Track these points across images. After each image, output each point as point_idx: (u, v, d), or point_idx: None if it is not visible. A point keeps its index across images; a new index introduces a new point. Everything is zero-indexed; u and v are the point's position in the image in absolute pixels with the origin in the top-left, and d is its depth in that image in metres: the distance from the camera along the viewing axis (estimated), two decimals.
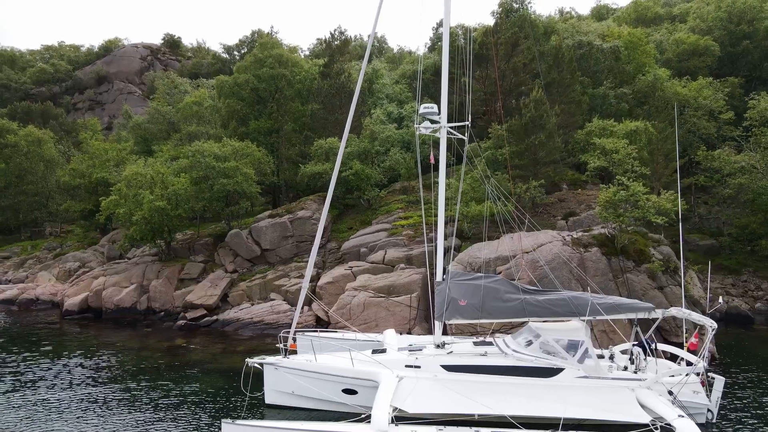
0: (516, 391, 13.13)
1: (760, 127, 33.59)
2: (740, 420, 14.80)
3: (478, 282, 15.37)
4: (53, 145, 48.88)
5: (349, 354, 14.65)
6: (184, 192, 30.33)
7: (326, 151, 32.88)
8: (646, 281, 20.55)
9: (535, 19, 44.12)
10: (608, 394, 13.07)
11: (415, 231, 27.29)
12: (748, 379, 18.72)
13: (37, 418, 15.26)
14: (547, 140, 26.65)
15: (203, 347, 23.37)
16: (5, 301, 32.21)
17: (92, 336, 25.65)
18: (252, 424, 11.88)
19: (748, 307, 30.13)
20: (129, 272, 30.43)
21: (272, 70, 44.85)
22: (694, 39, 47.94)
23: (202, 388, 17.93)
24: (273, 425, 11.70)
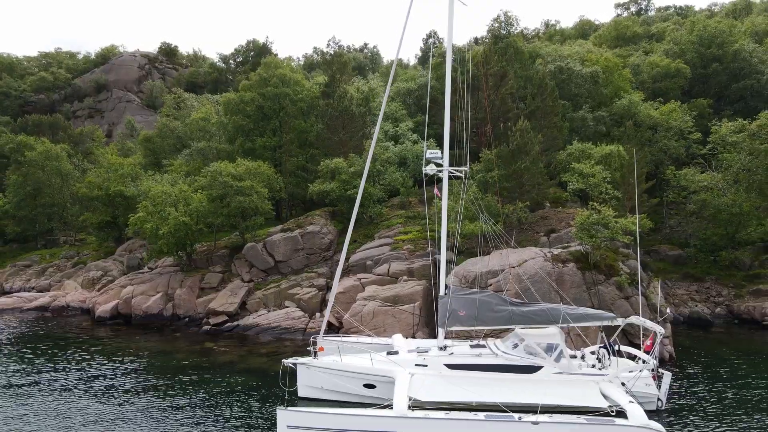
0: (505, 383, 16.52)
1: (722, 152, 37.50)
2: (685, 407, 18.33)
3: (474, 296, 18.81)
4: (68, 159, 51.63)
5: (369, 355, 17.99)
6: (204, 208, 33.52)
7: (332, 170, 36.13)
8: (614, 292, 24.10)
9: (522, 45, 47.56)
10: (577, 386, 16.52)
11: (414, 245, 30.70)
12: (700, 375, 22.29)
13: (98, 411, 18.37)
14: (532, 165, 30.19)
15: (230, 349, 26.56)
16: (39, 308, 35.15)
17: (127, 340, 28.72)
18: (303, 410, 15.19)
19: (709, 312, 33.90)
20: (155, 282, 33.54)
21: (276, 89, 48.03)
22: (667, 62, 51.85)
23: (239, 383, 21.15)
24: (320, 411, 15.02)
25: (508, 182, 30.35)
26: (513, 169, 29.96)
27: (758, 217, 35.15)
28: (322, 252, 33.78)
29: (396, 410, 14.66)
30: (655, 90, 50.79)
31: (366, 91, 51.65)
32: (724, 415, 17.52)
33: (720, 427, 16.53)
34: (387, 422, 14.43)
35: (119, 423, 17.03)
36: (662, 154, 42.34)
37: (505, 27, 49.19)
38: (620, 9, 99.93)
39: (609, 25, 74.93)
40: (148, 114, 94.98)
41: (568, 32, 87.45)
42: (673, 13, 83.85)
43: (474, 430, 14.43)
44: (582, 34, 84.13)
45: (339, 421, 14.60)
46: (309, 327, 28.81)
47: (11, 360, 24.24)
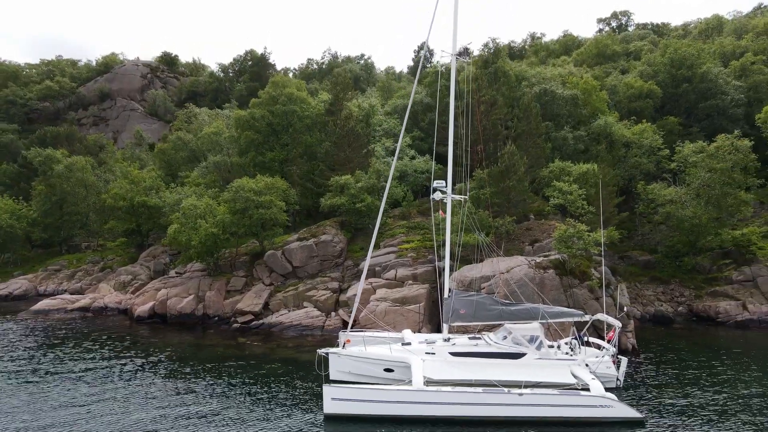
0: (497, 366, 21.06)
1: (685, 170, 42.49)
2: (638, 385, 23.04)
3: (472, 298, 23.40)
4: (91, 171, 55.62)
5: (389, 346, 22.49)
6: (228, 220, 37.83)
7: (341, 185, 40.59)
8: (587, 294, 28.84)
9: (509, 69, 52.31)
10: (553, 368, 21.14)
11: (417, 253, 35.28)
12: (656, 361, 27.03)
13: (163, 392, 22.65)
14: (518, 184, 34.89)
15: (260, 343, 30.93)
16: (81, 309, 39.20)
17: (167, 335, 32.97)
18: (345, 386, 19.64)
19: (672, 311, 38.79)
20: (186, 285, 37.83)
21: (284, 106, 52.42)
22: (641, 84, 56.89)
23: (275, 369, 25.52)
24: (358, 387, 19.49)
25: (497, 198, 35.02)
26: (502, 187, 34.66)
27: (715, 227, 40.17)
28: (334, 258, 38.26)
29: (415, 386, 19.20)
30: (630, 109, 55.83)
31: (366, 108, 56.17)
32: (669, 391, 22.22)
33: (664, 400, 21.22)
34: (409, 395, 18.97)
35: (184, 401, 21.25)
36: (634, 169, 47.37)
37: (494, 51, 53.79)
38: (602, 24, 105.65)
39: (590, 43, 79.97)
40: (152, 122, 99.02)
41: (553, 47, 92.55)
42: (650, 31, 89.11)
43: (474, 400, 18.99)
44: (566, 49, 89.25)
45: (373, 394, 19.11)
46: (326, 324, 33.31)
47: (77, 352, 28.39)
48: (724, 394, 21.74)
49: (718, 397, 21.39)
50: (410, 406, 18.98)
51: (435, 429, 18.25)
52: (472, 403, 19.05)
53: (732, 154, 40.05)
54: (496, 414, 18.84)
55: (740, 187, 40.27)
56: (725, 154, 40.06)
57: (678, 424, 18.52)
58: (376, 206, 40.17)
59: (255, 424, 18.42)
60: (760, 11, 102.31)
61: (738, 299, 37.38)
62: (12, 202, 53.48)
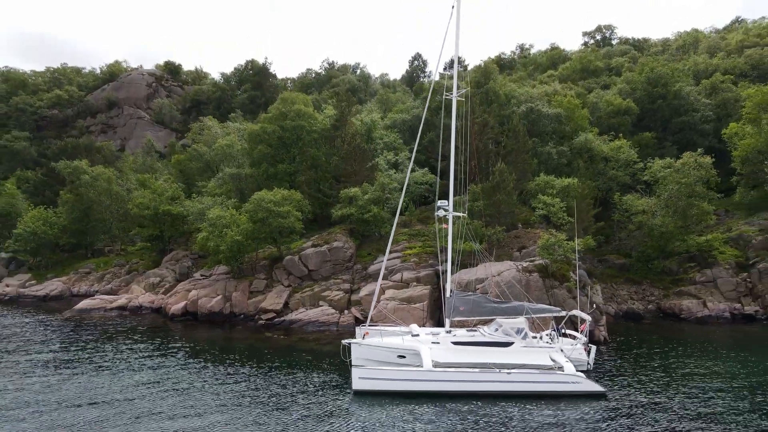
0: (490, 352, 25.97)
1: (655, 183, 47.76)
2: (605, 368, 28.07)
3: (469, 297, 28.35)
4: (115, 181, 60.11)
5: (401, 338, 27.36)
6: (250, 228, 42.52)
7: (350, 197, 45.40)
8: (565, 293, 33.88)
9: (499, 89, 57.38)
10: (535, 353, 26.09)
11: (419, 258, 40.20)
12: (623, 350, 32.09)
13: (204, 377, 27.35)
14: (507, 198, 39.93)
15: (285, 337, 35.69)
16: (119, 308, 43.73)
17: (201, 331, 37.64)
18: (371, 368, 24.46)
19: (643, 308, 43.99)
20: (214, 286, 42.53)
21: (293, 122, 57.09)
22: (619, 101, 62.17)
23: (301, 358, 30.25)
24: (380, 368, 24.34)
25: (489, 210, 40.03)
26: (493, 200, 39.68)
27: (681, 234, 45.41)
28: (345, 263, 43.12)
29: (425, 368, 24.11)
30: (610, 124, 61.05)
31: (368, 123, 61.05)
32: (630, 372, 27.26)
33: (625, 379, 26.24)
34: (421, 374, 23.86)
35: (229, 383, 25.89)
36: (612, 181, 52.57)
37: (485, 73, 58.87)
38: (587, 37, 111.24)
39: (575, 58, 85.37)
40: (158, 129, 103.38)
41: (541, 60, 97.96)
42: (631, 46, 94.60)
43: (472, 378, 23.90)
44: (553, 63, 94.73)
45: (392, 374, 23.96)
46: (340, 321, 38.17)
47: (128, 344, 32.98)
48: (678, 375, 26.78)
49: (671, 377, 26.41)
50: (422, 383, 23.86)
51: (441, 401, 23.08)
52: (470, 380, 23.96)
53: (696, 170, 45.37)
54: (489, 389, 23.75)
55: (703, 199, 45.57)
56: (690, 169, 45.35)
57: (633, 396, 23.52)
58: (382, 216, 45.18)
59: (293, 400, 23.05)
60: (738, 23, 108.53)
61: (700, 298, 42.67)
62: (44, 210, 57.88)
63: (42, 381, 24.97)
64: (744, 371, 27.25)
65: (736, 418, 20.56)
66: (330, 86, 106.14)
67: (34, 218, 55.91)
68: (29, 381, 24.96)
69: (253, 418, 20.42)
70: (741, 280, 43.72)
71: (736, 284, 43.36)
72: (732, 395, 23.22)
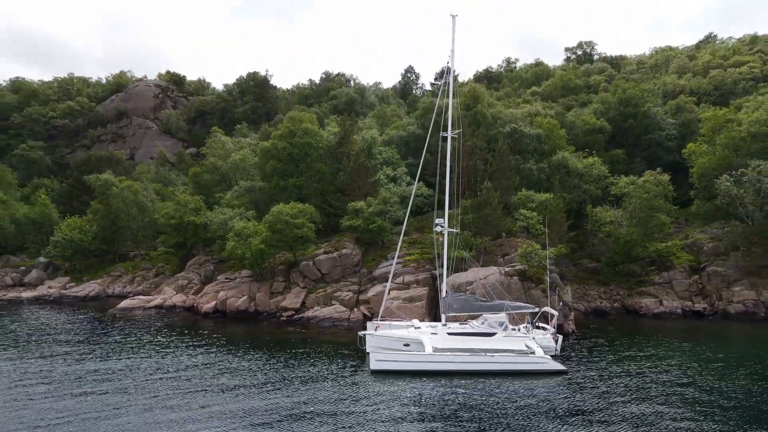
0: (477, 341, 32.76)
1: (621, 197, 54.87)
2: (570, 354, 34.95)
3: (461, 296, 35.14)
4: (141, 193, 66.32)
5: (407, 330, 34.06)
6: (270, 238, 49.00)
7: (357, 210, 51.98)
8: (540, 293, 40.73)
9: (486, 112, 64.27)
10: (513, 341, 32.89)
11: (417, 264, 46.93)
12: (587, 340, 38.98)
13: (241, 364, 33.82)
14: (493, 212, 46.77)
15: (305, 331, 42.19)
16: (156, 307, 50.02)
17: (231, 326, 44.05)
18: (385, 352, 31.09)
19: (609, 306, 50.98)
20: (239, 288, 49.03)
21: (301, 139, 63.65)
22: (594, 120, 69.37)
23: (321, 347, 36.79)
24: (392, 352, 30.99)
25: (477, 222, 46.85)
26: (480, 214, 46.52)
27: (644, 242, 52.49)
28: (353, 267, 49.77)
29: (427, 352, 30.84)
30: (585, 141, 68.22)
31: (369, 140, 67.70)
32: (589, 356, 34.15)
33: (585, 361, 33.09)
34: (424, 357, 30.54)
35: (263, 368, 32.36)
36: (585, 194, 59.65)
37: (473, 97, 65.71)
38: (569, 52, 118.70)
39: (557, 76, 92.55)
40: (166, 139, 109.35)
41: (525, 76, 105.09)
42: (608, 65, 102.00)
43: (463, 359, 30.61)
44: (537, 78, 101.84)
45: (402, 357, 30.63)
46: (351, 317, 44.76)
47: (173, 337, 39.33)
48: (626, 359, 33.67)
49: (621, 360, 33.31)
50: (424, 364, 30.55)
51: (439, 378, 29.75)
52: (462, 362, 30.72)
53: (655, 186, 52.53)
54: (477, 368, 30.47)
55: (662, 211, 52.74)
56: (650, 185, 52.51)
57: (587, 373, 30.34)
58: (384, 226, 51.84)
59: (323, 376, 29.54)
60: (710, 40, 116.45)
61: (657, 297, 49.82)
62: (77, 219, 63.98)
63: (125, 362, 31.38)
64: (685, 358, 34.15)
65: (669, 389, 27.40)
66: (328, 98, 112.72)
67: (69, 227, 62.05)
68: (113, 364, 31.32)
69: (296, 388, 26.89)
70: (693, 282, 50.96)
71: (688, 285, 50.58)
72: (670, 374, 30.07)
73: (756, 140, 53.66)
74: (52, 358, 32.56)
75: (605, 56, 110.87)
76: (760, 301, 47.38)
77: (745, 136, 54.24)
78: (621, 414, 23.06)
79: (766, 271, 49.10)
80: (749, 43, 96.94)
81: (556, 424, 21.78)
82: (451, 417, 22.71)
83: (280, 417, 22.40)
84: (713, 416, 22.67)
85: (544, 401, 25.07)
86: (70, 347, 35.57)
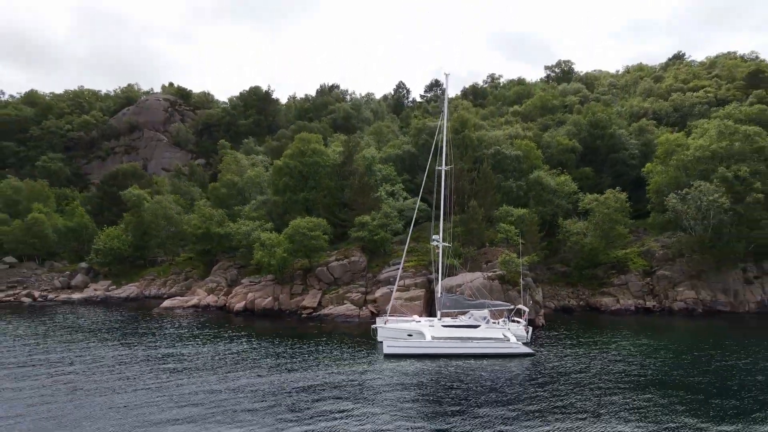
0: (466, 331, 41.93)
1: (587, 212, 64.51)
2: (539, 341, 44.29)
3: (453, 296, 44.43)
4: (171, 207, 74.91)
5: (410, 323, 43.22)
6: (290, 247, 57.90)
7: (363, 223, 60.99)
8: (516, 294, 50.06)
9: (473, 135, 73.62)
10: (493, 331, 42.14)
11: (415, 269, 56.12)
12: (554, 330, 48.36)
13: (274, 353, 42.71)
14: (478, 226, 56.10)
15: (323, 325, 51.12)
16: (192, 306, 58.71)
17: (260, 323, 52.79)
18: (395, 340, 40.18)
19: (576, 304, 60.52)
20: (265, 290, 57.90)
21: (310, 158, 72.60)
22: (567, 141, 79.05)
23: (338, 338, 45.79)
24: (401, 339, 40.09)
25: (465, 235, 56.15)
26: (468, 228, 55.85)
27: (605, 250, 62.14)
28: (360, 272, 58.86)
29: (427, 340, 40.03)
30: (559, 160, 77.84)
31: (369, 158, 76.80)
32: (554, 343, 43.51)
33: (551, 347, 42.42)
34: (425, 343, 39.68)
35: (289, 354, 41.25)
36: (557, 208, 69.21)
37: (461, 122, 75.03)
38: (548, 70, 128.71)
39: (536, 97, 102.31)
40: (176, 151, 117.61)
41: (508, 95, 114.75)
42: (583, 85, 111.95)
43: (455, 344, 39.75)
44: (519, 97, 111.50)
45: (408, 343, 39.80)
46: (360, 315, 53.82)
47: (216, 332, 48.03)
48: (584, 344, 43.07)
49: (579, 346, 42.70)
50: (425, 349, 39.67)
51: (437, 359, 38.85)
52: (454, 347, 39.93)
53: (615, 202, 62.20)
54: (465, 352, 39.66)
55: (620, 224, 62.42)
56: (611, 202, 62.18)
57: (551, 355, 39.63)
58: (386, 237, 61.00)
59: (344, 359, 38.49)
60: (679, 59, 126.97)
61: (615, 296, 59.48)
62: (115, 229, 72.48)
63: (188, 349, 40.17)
64: (632, 345, 43.57)
65: (614, 366, 36.73)
66: (327, 112, 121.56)
67: (108, 236, 70.51)
68: (180, 349, 40.06)
69: (326, 367, 35.67)
70: (645, 283, 60.73)
71: (641, 286, 60.32)
72: (617, 357, 39.43)
73: (700, 163, 63.41)
74: (130, 346, 41.26)
75: (581, 76, 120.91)
76: (698, 299, 57.25)
77: (691, 159, 63.99)
78: (572, 382, 32.26)
79: (704, 275, 59.02)
80: (709, 66, 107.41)
81: (521, 389, 31.01)
82: (445, 386, 31.88)
83: (320, 385, 31.23)
84: (648, 385, 31.93)
85: (515, 375, 34.34)
86: (138, 338, 44.28)
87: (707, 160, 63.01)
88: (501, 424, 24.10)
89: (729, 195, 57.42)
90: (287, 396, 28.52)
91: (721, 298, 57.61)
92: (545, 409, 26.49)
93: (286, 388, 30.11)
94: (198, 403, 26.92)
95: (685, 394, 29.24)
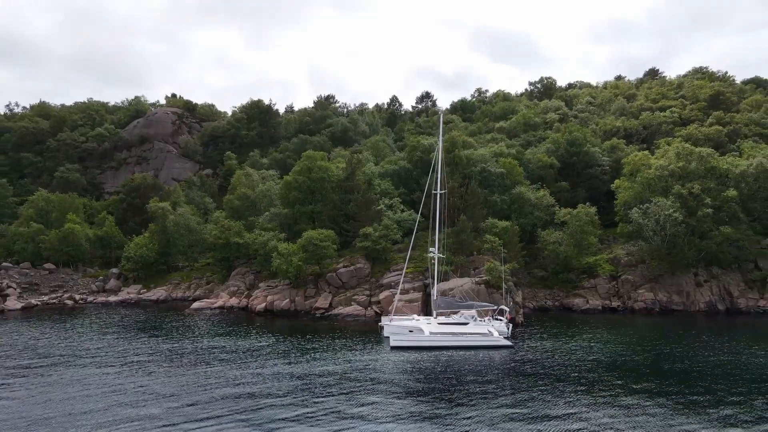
0: (457, 327, 50.69)
1: (562, 224, 73.71)
2: (519, 337, 53.24)
3: (446, 299, 53.31)
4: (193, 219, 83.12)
5: (411, 321, 52.00)
6: (303, 256, 66.42)
7: (366, 234, 69.65)
8: (500, 296, 59.02)
9: (462, 154, 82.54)
10: (480, 327, 50.95)
11: (413, 275, 64.94)
12: (530, 326, 57.33)
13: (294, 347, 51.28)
14: (467, 238, 65.04)
15: (336, 323, 59.68)
16: (219, 307, 67.07)
17: (279, 322, 61.22)
18: (400, 334, 48.88)
19: (551, 304, 69.60)
20: (282, 293, 66.42)
21: (317, 174, 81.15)
22: (546, 158, 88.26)
23: (349, 333, 54.40)
24: (404, 334, 48.84)
25: (455, 245, 65.08)
26: (458, 239, 64.80)
27: (578, 257, 71.37)
28: (365, 277, 67.59)
29: (426, 334, 48.84)
30: (539, 175, 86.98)
31: (369, 174, 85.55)
32: (529, 338, 52.45)
33: (526, 340, 51.33)
34: (424, 337, 48.39)
35: (306, 348, 49.79)
36: (537, 219, 78.34)
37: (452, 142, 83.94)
38: (531, 86, 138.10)
39: (520, 114, 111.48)
40: (185, 162, 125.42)
41: (495, 111, 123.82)
42: (563, 102, 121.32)
43: (449, 338, 48.58)
44: (504, 113, 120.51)
45: (411, 337, 48.48)
46: (366, 314, 62.54)
47: (243, 329, 56.37)
48: (557, 338, 52.04)
49: (553, 339, 51.65)
50: (424, 342, 48.38)
51: (434, 351, 47.53)
52: (448, 340, 48.72)
53: (586, 216, 71.46)
54: (457, 344, 48.45)
55: (590, 234, 71.69)
56: (582, 215, 71.44)
57: (529, 348, 48.52)
58: (387, 247, 69.83)
59: (356, 350, 47.12)
60: (654, 74, 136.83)
61: (585, 297, 68.71)
62: (143, 238, 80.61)
63: (227, 341, 48.61)
64: (597, 338, 52.64)
65: (581, 355, 45.67)
66: (325, 125, 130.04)
67: (137, 245, 78.70)
68: (221, 342, 48.46)
69: (340, 356, 44.25)
70: (611, 286, 70.02)
71: (608, 289, 69.60)
72: (584, 347, 48.44)
73: (660, 181, 72.81)
74: (178, 340, 49.67)
75: (562, 91, 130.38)
76: (656, 300, 66.61)
77: (653, 177, 73.37)
78: (544, 366, 41.15)
79: (661, 279, 68.42)
80: (677, 87, 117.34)
81: (501, 373, 39.89)
82: (440, 371, 40.68)
83: (341, 370, 39.84)
84: (601, 368, 40.83)
85: (496, 363, 43.25)
86: (181, 333, 52.67)
87: (666, 178, 72.40)
88: (482, 398, 32.94)
89: (683, 209, 66.81)
90: (317, 377, 37.14)
91: (675, 298, 66.95)
92: (518, 387, 35.35)
93: (316, 372, 38.72)
94: (247, 382, 35.48)
95: (635, 375, 38.18)
